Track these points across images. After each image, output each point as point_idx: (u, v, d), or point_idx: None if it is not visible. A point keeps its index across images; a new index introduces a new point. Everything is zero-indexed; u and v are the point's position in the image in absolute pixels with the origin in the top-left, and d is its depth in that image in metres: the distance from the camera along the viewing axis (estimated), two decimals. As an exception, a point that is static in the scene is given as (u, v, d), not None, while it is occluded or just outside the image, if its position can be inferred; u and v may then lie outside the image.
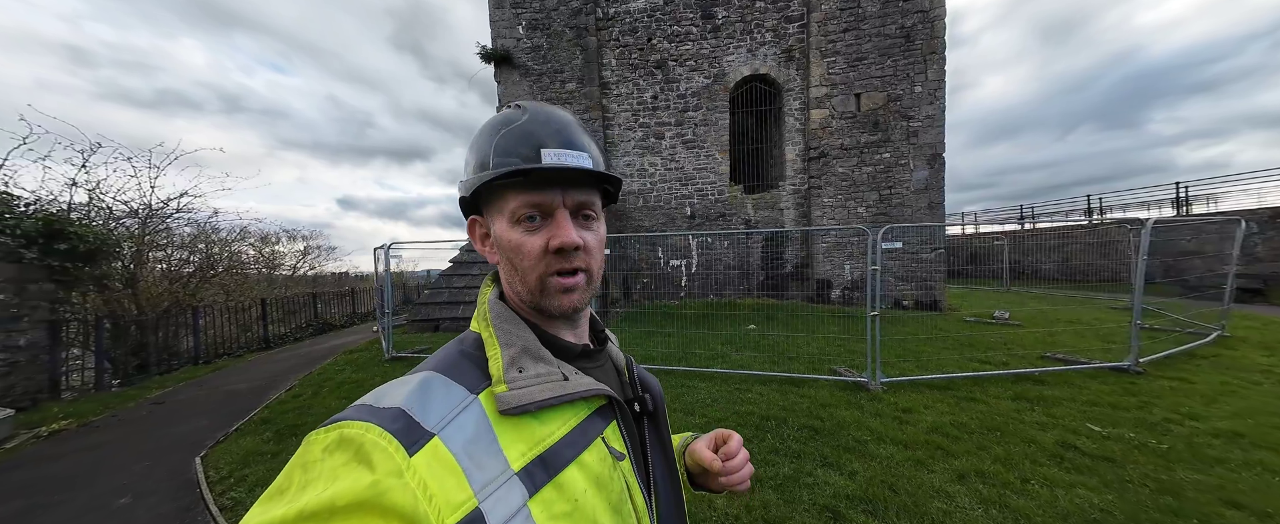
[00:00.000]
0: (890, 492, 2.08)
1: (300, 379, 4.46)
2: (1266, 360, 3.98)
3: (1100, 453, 2.36)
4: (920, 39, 7.50)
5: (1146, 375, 3.61)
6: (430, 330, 6.54)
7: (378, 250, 4.94)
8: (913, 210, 7.68)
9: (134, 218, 5.87)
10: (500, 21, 8.64)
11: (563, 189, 0.41)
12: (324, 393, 3.90)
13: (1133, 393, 3.24)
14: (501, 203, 0.42)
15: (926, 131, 7.59)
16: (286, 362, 5.52)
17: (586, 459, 0.39)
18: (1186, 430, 2.60)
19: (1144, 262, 3.70)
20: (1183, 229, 10.03)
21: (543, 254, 0.41)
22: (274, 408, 3.66)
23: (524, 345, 0.41)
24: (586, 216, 0.43)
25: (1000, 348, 4.77)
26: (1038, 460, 2.31)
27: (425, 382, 0.37)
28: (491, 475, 0.33)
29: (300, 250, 15.21)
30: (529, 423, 0.37)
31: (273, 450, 2.81)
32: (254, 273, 12.84)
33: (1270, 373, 3.62)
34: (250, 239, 13.31)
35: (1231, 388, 3.29)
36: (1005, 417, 2.89)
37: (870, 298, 3.53)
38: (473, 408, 0.36)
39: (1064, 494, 2.00)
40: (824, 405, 3.18)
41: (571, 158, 0.40)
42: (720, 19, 8.32)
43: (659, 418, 0.51)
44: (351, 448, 0.31)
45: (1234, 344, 4.58)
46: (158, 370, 5.21)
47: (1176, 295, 8.49)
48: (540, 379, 0.39)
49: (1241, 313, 6.68)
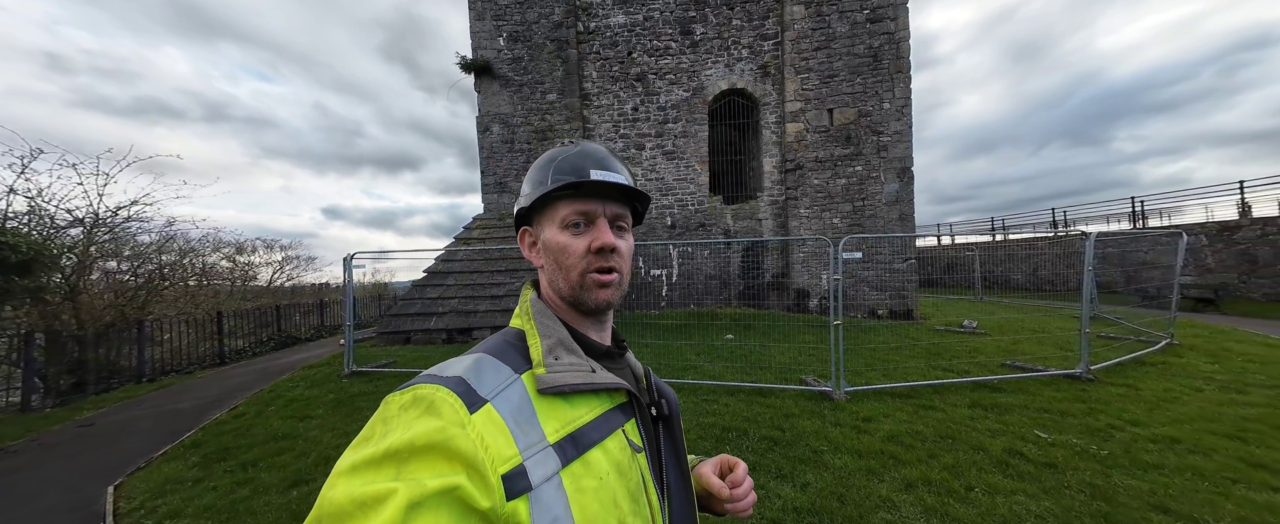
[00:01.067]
0: (838, 503, 2.08)
1: (249, 397, 4.24)
2: (1209, 368, 4.16)
3: (1044, 460, 2.41)
4: (887, 59, 7.84)
5: (1097, 382, 3.73)
6: (401, 343, 6.34)
7: (346, 260, 4.81)
8: (884, 221, 7.90)
9: (79, 227, 5.58)
10: (481, 33, 8.72)
11: (603, 202, 0.50)
12: (269, 412, 3.70)
13: (1083, 400, 3.34)
14: (553, 212, 0.50)
15: (895, 146, 7.87)
16: (239, 378, 5.25)
17: (609, 445, 0.44)
18: (1127, 436, 2.68)
19: (1090, 272, 3.86)
20: (1142, 241, 10.53)
21: (585, 253, 0.49)
22: (210, 429, 3.45)
23: (559, 338, 0.48)
24: (620, 227, 0.52)
25: (964, 356, 4.88)
26: (984, 468, 2.34)
27: (479, 360, 0.44)
28: (533, 441, 0.39)
29: (278, 261, 14.76)
30: (561, 404, 0.43)
31: (195, 477, 2.61)
32: (226, 284, 12.35)
33: (1212, 380, 3.78)
34: (224, 249, 12.84)
35: (1174, 394, 3.42)
36: (960, 424, 2.93)
37: (833, 307, 3.58)
38: (517, 384, 0.43)
39: (1004, 502, 2.02)
40: (787, 415, 3.18)
41: (612, 176, 0.49)
42: (698, 35, 8.56)
43: (674, 424, 0.55)
44: (424, 404, 0.38)
45: (1181, 352, 4.78)
46: (95, 389, 4.90)
47: (1135, 304, 8.87)
48: (573, 367, 0.45)
49: (1192, 321, 7.00)
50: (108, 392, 4.91)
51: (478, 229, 8.33)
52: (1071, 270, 12.58)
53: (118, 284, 6.39)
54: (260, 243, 14.43)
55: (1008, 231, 15.77)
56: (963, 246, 15.98)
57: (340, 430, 3.19)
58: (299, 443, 3.01)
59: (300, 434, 3.17)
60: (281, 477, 2.53)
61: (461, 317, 6.51)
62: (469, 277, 7.20)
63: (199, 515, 2.17)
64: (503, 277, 7.16)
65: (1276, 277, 9.21)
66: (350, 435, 3.04)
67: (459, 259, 7.51)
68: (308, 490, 2.37)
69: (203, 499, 2.33)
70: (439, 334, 6.36)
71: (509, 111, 8.80)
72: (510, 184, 8.82)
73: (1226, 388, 3.55)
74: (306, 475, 2.53)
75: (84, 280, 5.63)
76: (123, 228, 6.23)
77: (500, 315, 6.53)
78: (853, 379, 3.84)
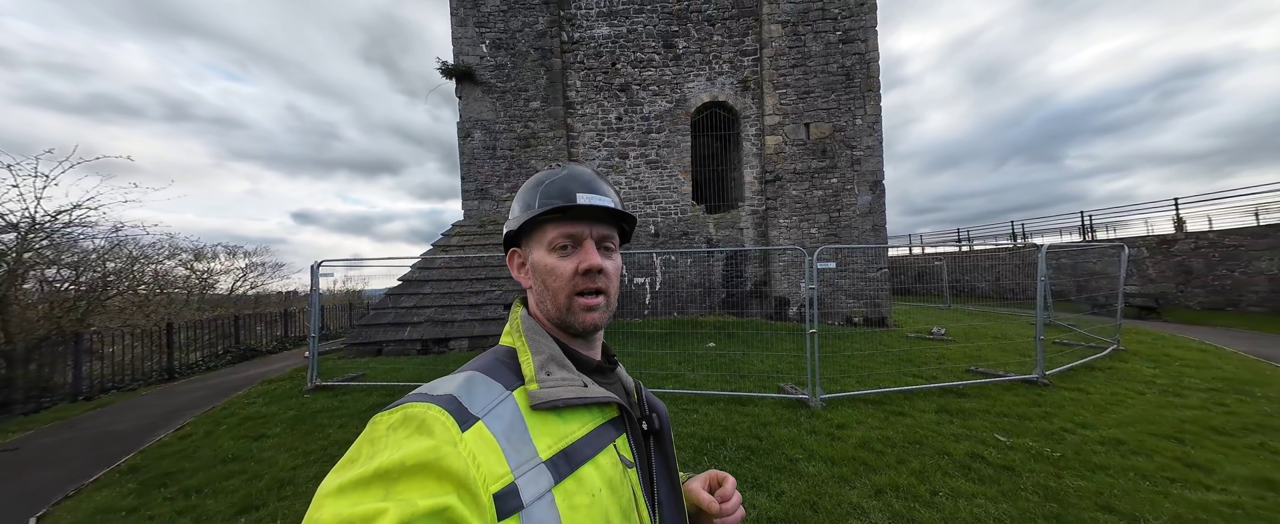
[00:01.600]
0: (811, 511, 2.10)
1: (198, 416, 3.95)
2: (1151, 372, 4.46)
3: (1003, 463, 2.51)
4: (858, 77, 8.23)
5: (1052, 387, 3.94)
6: (371, 355, 6.08)
7: (314, 267, 4.60)
8: (858, 232, 8.20)
9: (13, 232, 5.14)
10: (463, 39, 8.67)
11: (590, 224, 0.51)
12: (220, 432, 3.44)
13: (1038, 403, 3.52)
14: (541, 235, 0.51)
15: (867, 160, 8.23)
16: (189, 395, 4.88)
17: (601, 461, 0.44)
18: (1078, 439, 2.83)
19: (1043, 283, 4.11)
20: (1090, 253, 11.30)
21: (572, 276, 0.49)
22: (151, 453, 3.17)
23: (551, 353, 0.48)
24: (607, 248, 0.52)
25: (933, 362, 5.07)
26: (949, 472, 2.43)
27: (470, 378, 0.44)
28: (525, 458, 0.39)
29: (241, 267, 13.97)
30: (554, 420, 0.43)
31: (130, 506, 2.39)
32: (181, 293, 11.53)
33: (1153, 383, 4.06)
34: (181, 255, 12.00)
35: (1120, 398, 3.65)
36: (927, 429, 3.03)
37: (809, 316, 3.67)
38: (509, 402, 0.43)
39: (966, 505, 2.10)
40: (764, 424, 3.22)
41: (598, 199, 0.50)
42: (681, 49, 8.78)
43: (665, 438, 0.56)
44: (415, 423, 0.37)
45: (1127, 357, 5.12)
46: (23, 409, 4.46)
47: (1086, 312, 9.47)
48: (565, 382, 0.46)
49: (1136, 328, 7.51)
50: (37, 412, 4.46)
51: (457, 236, 8.15)
52: (1029, 279, 13.35)
53: (53, 294, 5.87)
54: (222, 249, 13.64)
55: (973, 242, 16.62)
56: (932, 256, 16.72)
57: (298, 450, 2.99)
58: (251, 465, 2.81)
59: (253, 455, 2.96)
60: (229, 503, 2.35)
61: (438, 326, 6.32)
62: (447, 285, 7.01)
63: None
64: (482, 285, 7.01)
65: (1209, 286, 10.02)
66: (309, 456, 2.90)
67: (437, 267, 7.31)
68: (258, 517, 2.21)
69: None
70: (413, 345, 6.14)
71: (491, 118, 8.73)
72: (491, 190, 8.71)
73: (1166, 392, 3.81)
74: (257, 500, 2.36)
75: (15, 290, 5.14)
76: (63, 234, 5.75)
77: (479, 324, 6.38)
78: (829, 386, 3.92)
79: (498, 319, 6.42)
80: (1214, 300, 9.87)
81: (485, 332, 6.25)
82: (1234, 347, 5.87)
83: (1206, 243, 10.15)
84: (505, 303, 6.65)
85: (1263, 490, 2.16)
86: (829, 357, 5.25)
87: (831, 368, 4.81)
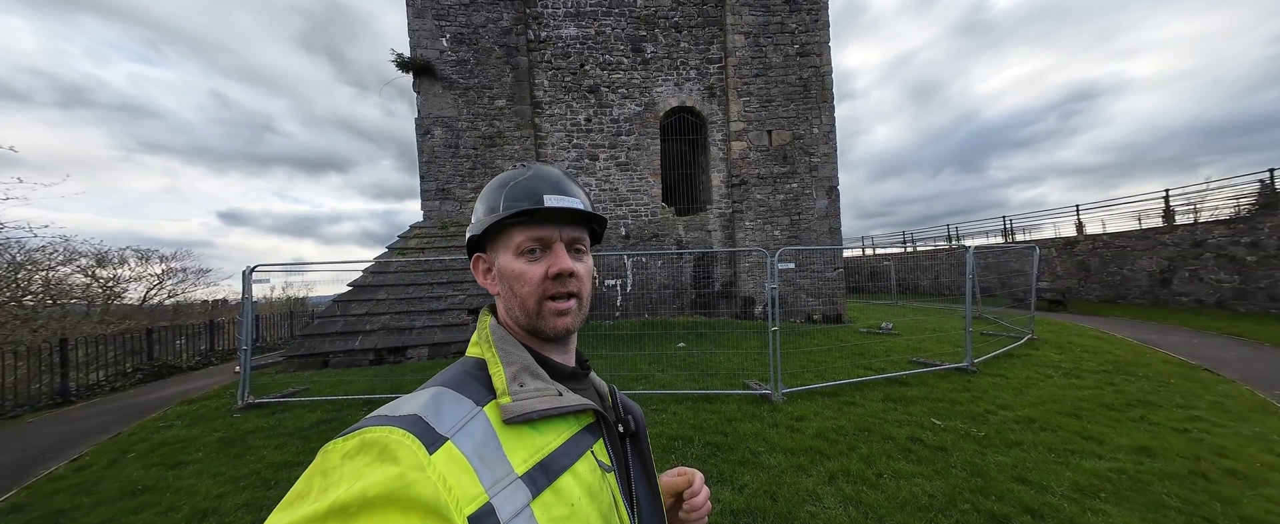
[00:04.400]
0: (770, 501, 2.22)
1: (101, 443, 3.50)
2: (1057, 357, 5.12)
3: (937, 444, 2.79)
4: (815, 89, 8.77)
5: (980, 374, 4.41)
6: (316, 367, 5.60)
7: (246, 273, 4.18)
8: (817, 234, 8.71)
9: None
10: (421, 31, 8.26)
11: (559, 226, 0.49)
12: (128, 460, 3.05)
13: (968, 389, 3.93)
14: (507, 239, 0.49)
15: (824, 167, 8.77)
16: (89, 421, 4.26)
17: (579, 469, 0.43)
18: (999, 419, 3.20)
19: (972, 279, 4.59)
20: (1010, 253, 12.71)
21: (542, 280, 0.48)
22: (38, 488, 2.75)
23: (523, 363, 0.46)
24: (578, 251, 0.51)
25: (882, 355, 5.50)
26: (892, 456, 2.66)
27: (437, 395, 0.41)
28: (499, 476, 0.37)
29: (156, 274, 12.36)
30: (529, 433, 0.42)
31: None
32: (81, 304, 10.01)
33: (1058, 367, 4.66)
34: (80, 261, 10.41)
35: (1032, 381, 4.16)
36: (875, 417, 3.29)
37: (771, 314, 3.86)
38: (480, 417, 0.41)
39: (906, 485, 2.31)
40: (730, 420, 3.34)
41: (567, 201, 0.49)
42: (649, 53, 8.90)
43: (640, 439, 0.55)
44: (375, 449, 0.34)
45: (1038, 345, 5.83)
46: None
47: (1007, 305, 10.66)
48: (539, 393, 0.44)
49: (1047, 320, 8.56)
50: None
51: (415, 238, 7.72)
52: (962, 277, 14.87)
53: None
54: (132, 253, 12.00)
55: (916, 244, 18.18)
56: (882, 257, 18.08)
57: (225, 477, 2.68)
58: (166, 496, 2.49)
59: (169, 485, 2.62)
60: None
61: (394, 334, 5.95)
62: (404, 290, 6.63)
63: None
64: (444, 289, 6.69)
65: (1105, 282, 11.61)
66: (238, 482, 2.63)
67: (392, 271, 6.89)
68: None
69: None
70: (366, 355, 5.74)
71: (453, 115, 8.37)
72: (454, 190, 8.35)
73: (1068, 374, 4.39)
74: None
75: None
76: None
77: (440, 331, 6.08)
78: (790, 381, 4.14)
79: (461, 325, 6.16)
80: (1108, 294, 11.46)
81: (447, 338, 5.98)
82: (1123, 334, 6.86)
83: (1101, 244, 11.76)
84: (470, 308, 6.40)
85: (1142, 457, 2.56)
86: (790, 353, 5.54)
87: (793, 363, 5.08)
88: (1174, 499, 2.11)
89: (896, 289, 14.38)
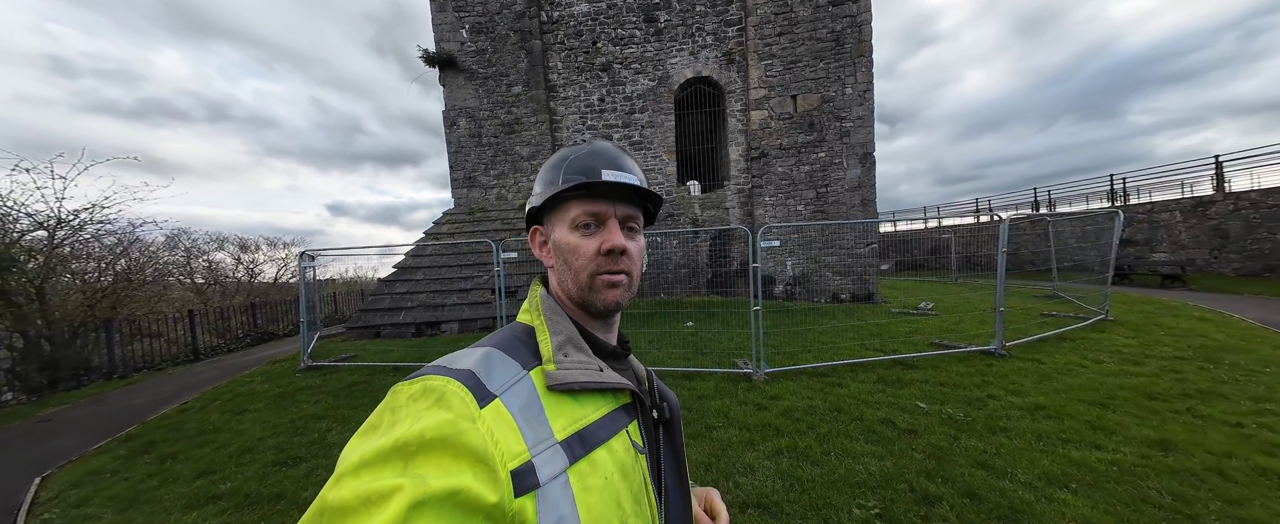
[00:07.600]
0: (705, 470, 2.31)
1: (204, 393, 4.33)
2: (1124, 342, 4.33)
3: (909, 427, 2.62)
4: (849, 42, 7.80)
5: (1010, 358, 3.92)
6: (370, 337, 6.60)
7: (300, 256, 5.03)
8: (847, 207, 8.00)
9: (42, 230, 5.79)
10: (443, 25, 8.70)
11: (613, 203, 0.49)
12: (213, 407, 3.79)
13: (984, 373, 3.54)
14: (564, 212, 0.49)
15: (857, 131, 7.91)
16: (205, 374, 5.42)
17: (614, 446, 0.44)
18: (1000, 405, 2.88)
19: (1004, 254, 4.01)
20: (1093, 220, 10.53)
21: (595, 255, 0.48)
22: (150, 424, 3.54)
23: (568, 335, 0.47)
24: (631, 229, 0.51)
25: (900, 336, 5.08)
26: (852, 436, 2.56)
27: (488, 354, 0.43)
28: (541, 437, 0.39)
29: (282, 257, 15.27)
30: (569, 402, 0.43)
31: (115, 469, 2.71)
32: (232, 281, 13.19)
33: (1117, 353, 3.97)
34: (228, 247, 13.73)
35: (1071, 367, 3.61)
36: (855, 399, 3.15)
37: (753, 292, 3.76)
38: (526, 381, 0.42)
39: (850, 463, 2.25)
40: (701, 397, 3.40)
41: (624, 177, 0.49)
42: (662, 22, 8.52)
43: (674, 428, 0.55)
44: (434, 395, 0.37)
45: (1108, 327, 4.95)
46: (66, 387, 5.15)
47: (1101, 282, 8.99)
48: (582, 365, 0.45)
49: (1148, 298, 7.14)
50: (78, 388, 5.17)
51: (447, 224, 8.51)
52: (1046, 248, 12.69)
53: (87, 285, 6.69)
54: (263, 240, 15.07)
55: (993, 213, 15.76)
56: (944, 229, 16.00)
57: (272, 424, 3.25)
58: (224, 436, 3.09)
59: (231, 427, 3.25)
60: (193, 468, 2.61)
61: (429, 311, 6.76)
62: (438, 271, 7.43)
63: (104, 503, 2.30)
64: (471, 271, 7.38)
65: (1246, 251, 9.27)
66: (277, 428, 3.23)
67: (428, 254, 7.72)
68: (212, 480, 2.46)
69: (112, 489, 2.44)
70: (407, 328, 6.62)
71: (475, 105, 8.85)
72: (479, 178, 8.95)
73: (1126, 360, 3.73)
74: (217, 467, 2.60)
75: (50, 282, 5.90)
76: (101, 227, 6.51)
77: (468, 308, 6.78)
78: (781, 361, 4.05)
79: (485, 303, 6.79)
80: (1250, 266, 9.15)
81: (473, 315, 6.65)
82: (1251, 314, 5.53)
83: (1247, 204, 9.30)
84: (492, 287, 7.01)
85: (1153, 450, 2.20)
86: (797, 333, 5.33)
87: (795, 343, 4.91)
88: (1164, 495, 1.82)
89: (959, 266, 12.75)
